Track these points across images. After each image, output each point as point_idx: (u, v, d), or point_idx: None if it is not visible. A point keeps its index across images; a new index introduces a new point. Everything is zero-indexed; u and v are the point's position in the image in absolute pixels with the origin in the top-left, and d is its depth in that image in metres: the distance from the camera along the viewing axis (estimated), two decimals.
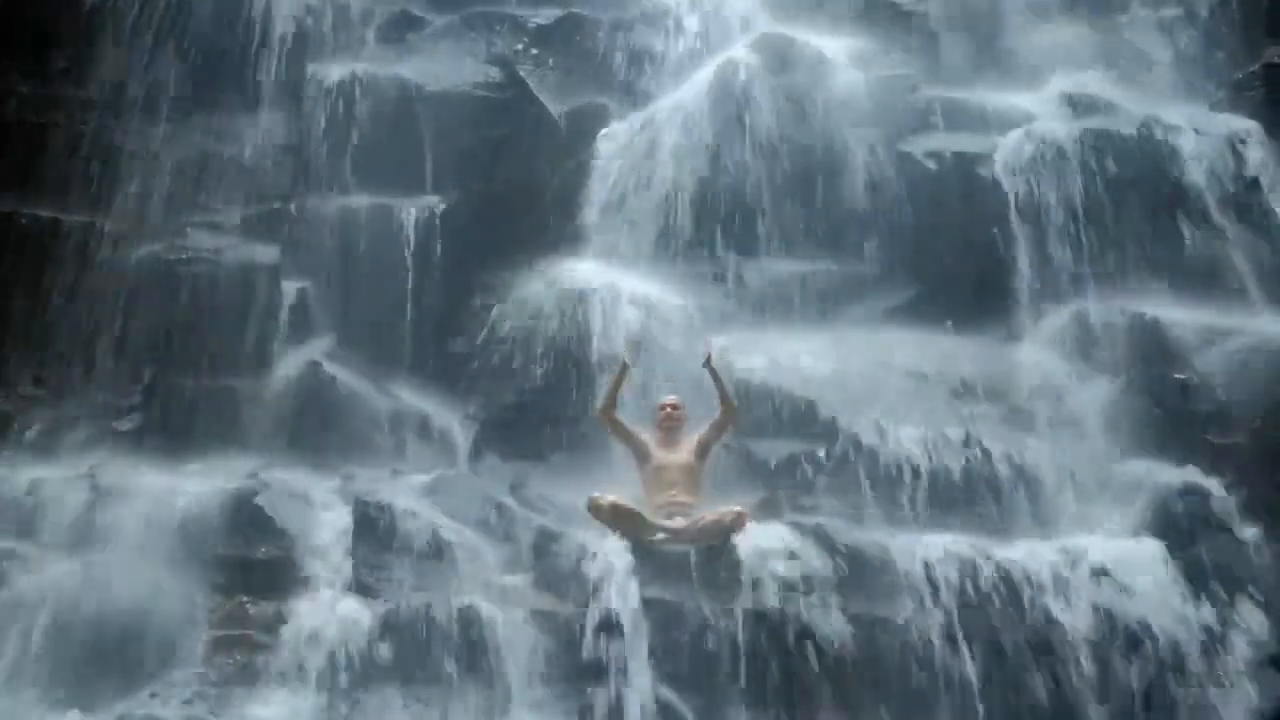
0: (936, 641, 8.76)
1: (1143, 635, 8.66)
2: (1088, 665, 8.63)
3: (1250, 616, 8.82)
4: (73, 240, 12.03)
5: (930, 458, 10.12)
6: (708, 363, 10.21)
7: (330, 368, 11.58)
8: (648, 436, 10.19)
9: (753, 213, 12.48)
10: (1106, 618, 8.75)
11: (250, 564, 9.53)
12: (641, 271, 12.10)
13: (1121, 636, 8.70)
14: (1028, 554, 9.15)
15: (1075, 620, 8.76)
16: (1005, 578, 8.94)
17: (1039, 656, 8.69)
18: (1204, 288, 11.31)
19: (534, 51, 13.96)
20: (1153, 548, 9.14)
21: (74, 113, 12.89)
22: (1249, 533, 9.20)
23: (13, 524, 9.73)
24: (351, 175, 12.91)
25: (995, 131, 12.87)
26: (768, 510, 9.79)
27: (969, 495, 9.99)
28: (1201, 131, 12.24)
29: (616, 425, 10.20)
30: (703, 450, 10.08)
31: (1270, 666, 8.63)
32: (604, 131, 13.12)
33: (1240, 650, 8.68)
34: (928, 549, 9.21)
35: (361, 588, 9.24)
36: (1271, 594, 8.94)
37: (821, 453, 10.34)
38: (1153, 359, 10.53)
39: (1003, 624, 8.79)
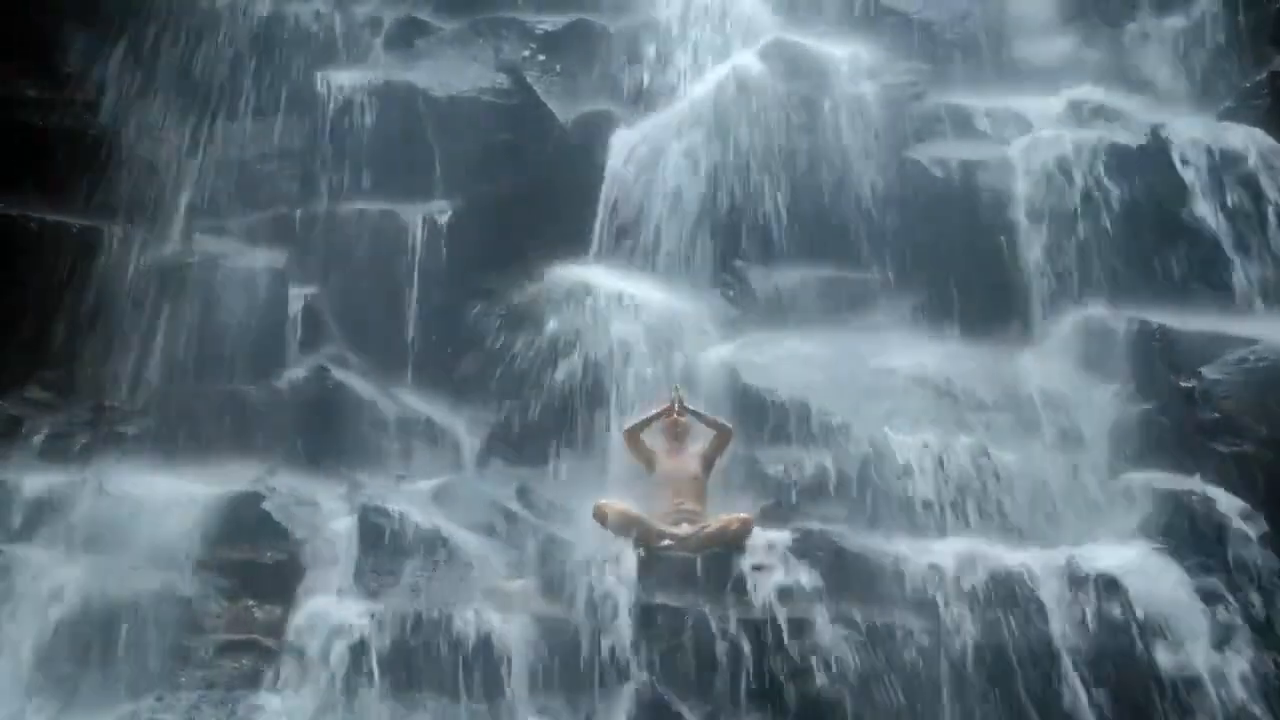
0: (942, 649, 8.75)
1: (1149, 643, 8.65)
2: (1093, 673, 8.61)
3: (1257, 625, 8.81)
4: (79, 245, 12.05)
5: (937, 465, 10.11)
6: (683, 411, 10.29)
7: (337, 373, 11.60)
8: (655, 446, 10.22)
9: (760, 220, 12.48)
10: (1112, 625, 8.73)
11: (256, 568, 9.55)
12: (649, 278, 12.11)
13: (1125, 644, 8.69)
14: (1034, 561, 9.11)
15: (1081, 628, 8.74)
16: (1012, 585, 8.92)
17: (1045, 664, 8.67)
18: (1211, 296, 11.31)
19: (542, 58, 13.97)
20: (1159, 556, 9.12)
21: (81, 117, 12.94)
22: (1256, 541, 9.18)
23: (20, 528, 9.75)
24: (359, 181, 12.94)
25: (1002, 140, 12.90)
26: (773, 517, 9.79)
27: (975, 503, 9.97)
28: (1208, 141, 12.22)
29: (637, 444, 10.23)
30: (707, 464, 10.13)
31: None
32: (613, 138, 13.12)
33: (1248, 659, 8.65)
34: (934, 556, 9.18)
35: (367, 593, 9.25)
36: (1278, 602, 8.93)
37: (828, 460, 10.33)
38: (1159, 367, 10.51)
39: (1008, 631, 8.77)
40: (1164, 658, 8.60)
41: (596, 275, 12.07)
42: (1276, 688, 8.55)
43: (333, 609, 9.06)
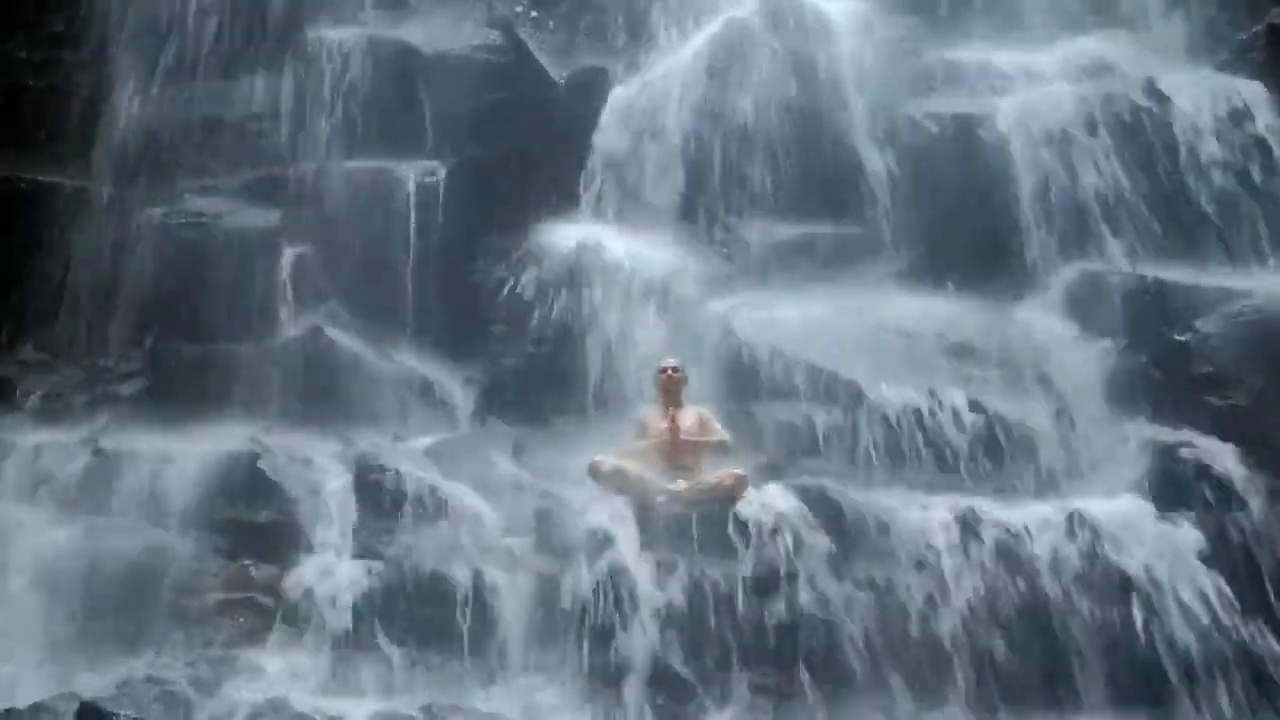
0: (936, 603, 8.78)
1: (1142, 596, 8.68)
2: (1086, 625, 8.65)
3: (1249, 576, 8.84)
4: (72, 205, 12.05)
5: (931, 420, 10.11)
6: (675, 437, 9.85)
7: (332, 332, 11.60)
8: (646, 412, 10.15)
9: (754, 175, 12.43)
10: (1106, 578, 8.77)
11: (252, 527, 9.58)
12: (642, 234, 12.06)
13: (1121, 597, 8.72)
14: (1028, 515, 9.13)
15: (1074, 581, 8.77)
16: (1006, 539, 8.95)
17: (1038, 617, 8.71)
18: (1206, 249, 11.30)
19: (534, 14, 13.88)
20: (1152, 509, 9.14)
21: (72, 76, 12.89)
22: (1248, 494, 9.20)
23: (16, 488, 9.77)
24: (351, 139, 12.89)
25: (997, 94, 12.83)
26: (768, 473, 9.79)
27: (970, 457, 9.98)
28: (1205, 93, 12.17)
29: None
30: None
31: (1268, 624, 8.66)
32: (610, 94, 13.03)
33: (1239, 611, 8.68)
34: (928, 511, 9.21)
35: (363, 551, 9.29)
36: (1270, 555, 8.95)
37: (822, 415, 10.33)
38: (1153, 321, 10.51)
39: (1002, 585, 8.80)
40: (1159, 609, 8.64)
41: (591, 232, 12.01)
42: (1266, 647, 8.59)
43: (329, 567, 9.10)
